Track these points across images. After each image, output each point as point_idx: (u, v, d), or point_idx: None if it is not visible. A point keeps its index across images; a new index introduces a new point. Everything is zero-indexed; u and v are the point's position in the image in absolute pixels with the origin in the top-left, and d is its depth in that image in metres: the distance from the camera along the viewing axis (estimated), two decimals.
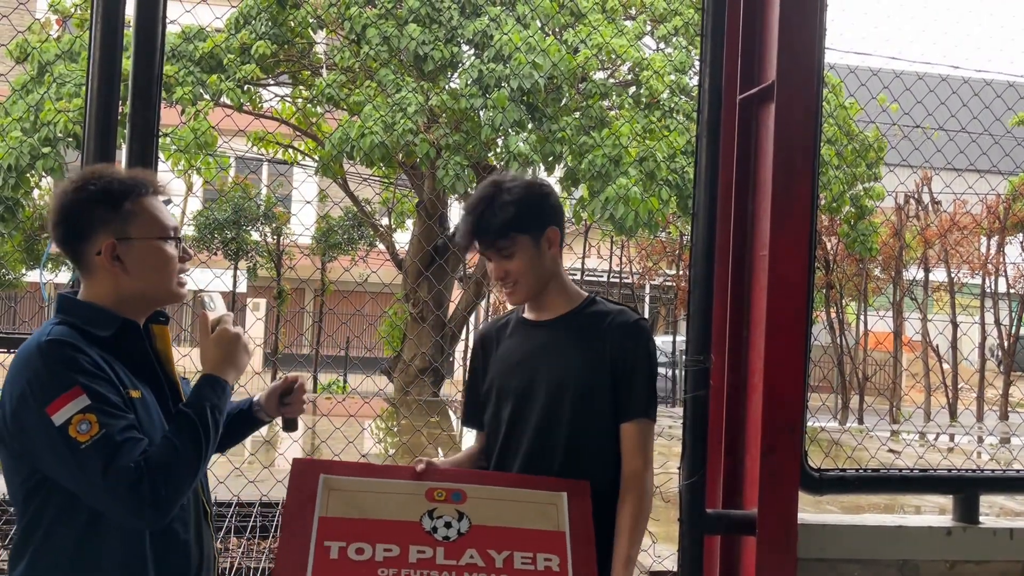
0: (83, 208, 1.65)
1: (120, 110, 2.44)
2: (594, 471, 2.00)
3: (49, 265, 10.97)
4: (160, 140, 2.50)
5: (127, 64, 2.41)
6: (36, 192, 10.75)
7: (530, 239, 2.03)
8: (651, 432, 2.05)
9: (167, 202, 1.80)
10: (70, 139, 8.55)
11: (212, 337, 1.70)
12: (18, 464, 1.58)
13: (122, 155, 2.48)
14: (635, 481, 1.99)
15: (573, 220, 10.10)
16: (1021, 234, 13.69)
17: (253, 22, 10.10)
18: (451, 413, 12.42)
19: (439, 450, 8.56)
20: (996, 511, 6.58)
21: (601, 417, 2.03)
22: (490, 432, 2.14)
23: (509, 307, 2.29)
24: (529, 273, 2.04)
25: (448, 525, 1.84)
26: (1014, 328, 14.10)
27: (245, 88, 9.89)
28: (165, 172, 9.30)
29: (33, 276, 13.56)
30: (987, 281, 13.85)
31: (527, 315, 2.14)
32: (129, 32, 2.43)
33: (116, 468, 1.47)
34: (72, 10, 10.28)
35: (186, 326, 13.28)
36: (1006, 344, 14.05)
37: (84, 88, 2.45)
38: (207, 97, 9.54)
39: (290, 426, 2.00)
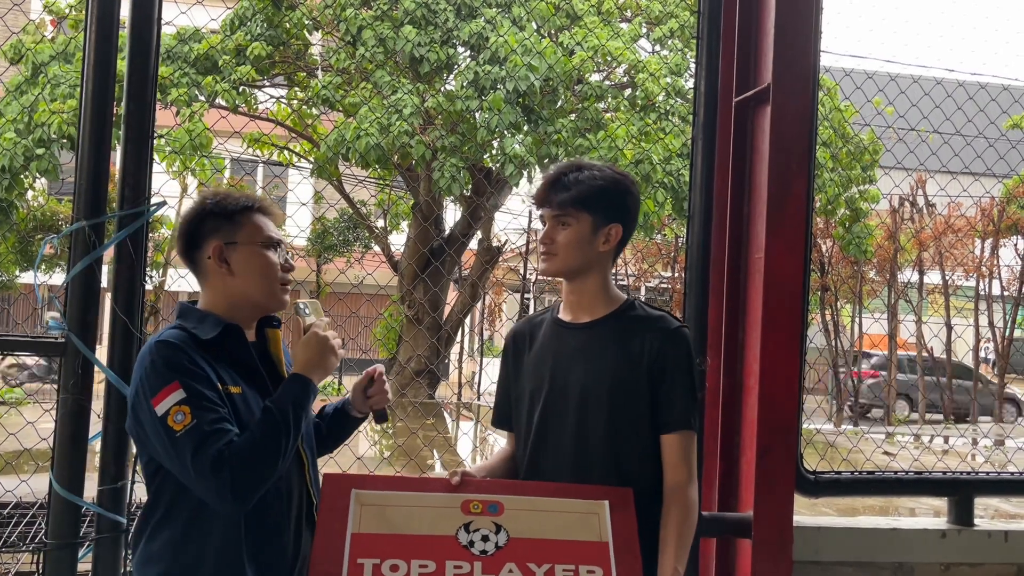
0: (199, 220, 1.88)
1: (115, 111, 2.43)
2: (633, 481, 1.93)
3: (43, 267, 10.93)
4: (155, 141, 2.50)
5: (122, 65, 2.40)
6: (30, 193, 10.72)
7: (591, 222, 1.98)
8: (694, 443, 1.97)
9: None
10: (64, 140, 8.53)
11: (302, 340, 1.87)
12: (140, 450, 1.80)
13: (117, 157, 2.47)
14: (679, 494, 1.92)
15: None
16: (1015, 237, 13.73)
17: (248, 23, 10.09)
18: (447, 415, 12.41)
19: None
20: (991, 513, 6.60)
21: (638, 425, 1.96)
22: (518, 436, 2.09)
23: (504, 309, 2.27)
24: (573, 251, 1.98)
25: (485, 539, 1.79)
26: (1008, 331, 14.14)
27: (240, 90, 9.88)
28: (160, 173, 9.28)
29: (27, 278, 13.51)
30: (981, 284, 13.89)
31: (562, 315, 2.07)
32: (124, 33, 2.42)
33: (202, 455, 1.65)
34: (67, 11, 10.26)
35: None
36: (1000, 347, 14.09)
37: (79, 89, 2.44)
38: (202, 98, 9.52)
39: (380, 417, 2.04)
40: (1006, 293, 14.16)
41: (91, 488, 2.35)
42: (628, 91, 10.41)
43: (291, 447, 1.75)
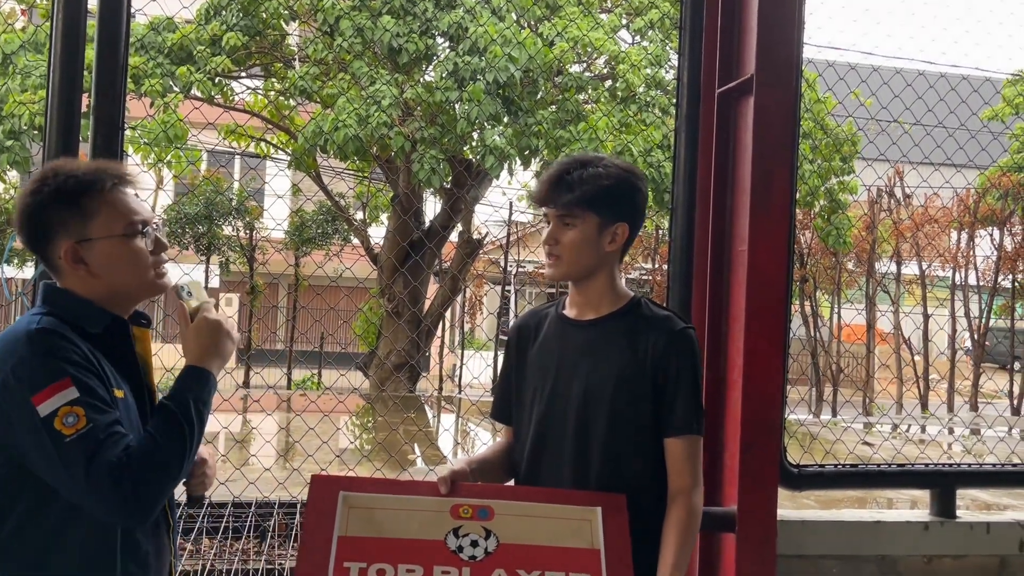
0: (41, 210, 1.58)
1: (84, 102, 2.37)
2: (634, 484, 1.90)
3: (15, 260, 10.76)
4: (128, 133, 2.43)
5: (91, 55, 2.34)
6: (0, 186, 10.54)
7: (597, 223, 1.92)
8: (699, 447, 1.93)
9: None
10: (35, 132, 8.38)
11: (191, 326, 1.64)
12: None
13: (87, 148, 2.41)
14: (682, 499, 1.88)
15: None
16: (992, 227, 13.88)
17: (223, 13, 9.95)
18: (427, 409, 12.37)
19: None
20: (967, 502, 6.65)
21: (640, 427, 1.92)
22: (517, 433, 2.05)
23: (485, 302, 2.22)
24: (578, 253, 1.93)
25: (474, 544, 1.75)
26: (983, 320, 14.30)
27: (216, 80, 9.74)
28: (134, 166, 9.14)
29: None
30: (958, 274, 14.03)
31: (567, 312, 2.03)
32: (93, 23, 2.36)
33: (99, 463, 1.43)
34: (36, 0, 10.07)
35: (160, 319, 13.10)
36: (976, 336, 14.25)
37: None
38: (176, 89, 9.38)
39: (192, 502, 1.81)
40: (982, 283, 14.32)
41: None
42: (608, 82, 10.39)
43: (195, 447, 1.56)
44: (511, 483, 2.06)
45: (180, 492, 1.78)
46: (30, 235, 1.60)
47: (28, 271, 12.01)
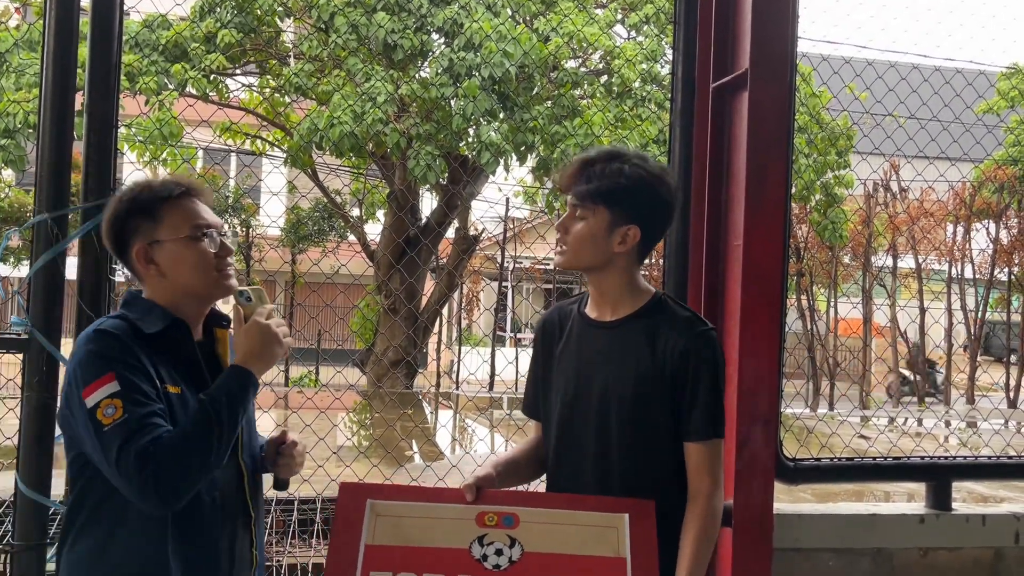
0: (121, 220, 1.76)
1: (79, 100, 2.36)
2: (658, 485, 1.88)
3: (11, 259, 10.73)
4: (123, 131, 2.43)
5: (84, 53, 2.33)
6: None
7: (608, 220, 1.87)
8: (719, 450, 1.88)
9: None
10: (30, 131, 8.36)
11: (242, 329, 1.76)
12: (68, 444, 1.70)
13: (81, 146, 2.40)
14: (700, 502, 1.85)
15: (546, 210, 10.03)
16: (987, 221, 13.90)
17: (218, 10, 9.92)
18: (425, 406, 12.37)
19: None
20: (963, 495, 6.67)
21: (660, 431, 1.89)
22: (547, 431, 2.03)
23: (482, 298, 2.22)
24: (584, 247, 1.89)
25: (499, 552, 1.75)
26: (979, 313, 14.33)
27: (211, 78, 9.72)
28: (129, 164, 9.12)
29: None
30: (954, 268, 14.05)
31: (589, 311, 2.00)
32: (86, 20, 2.35)
33: (128, 451, 1.55)
34: None
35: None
36: (973, 329, 14.29)
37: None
38: (171, 87, 9.36)
39: (279, 485, 1.93)
40: (978, 276, 14.35)
41: (59, 486, 2.29)
42: (604, 77, 10.38)
43: (224, 444, 1.65)
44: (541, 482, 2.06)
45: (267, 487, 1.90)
46: (113, 243, 1.78)
47: (23, 270, 11.98)
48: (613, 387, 1.89)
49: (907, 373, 14.61)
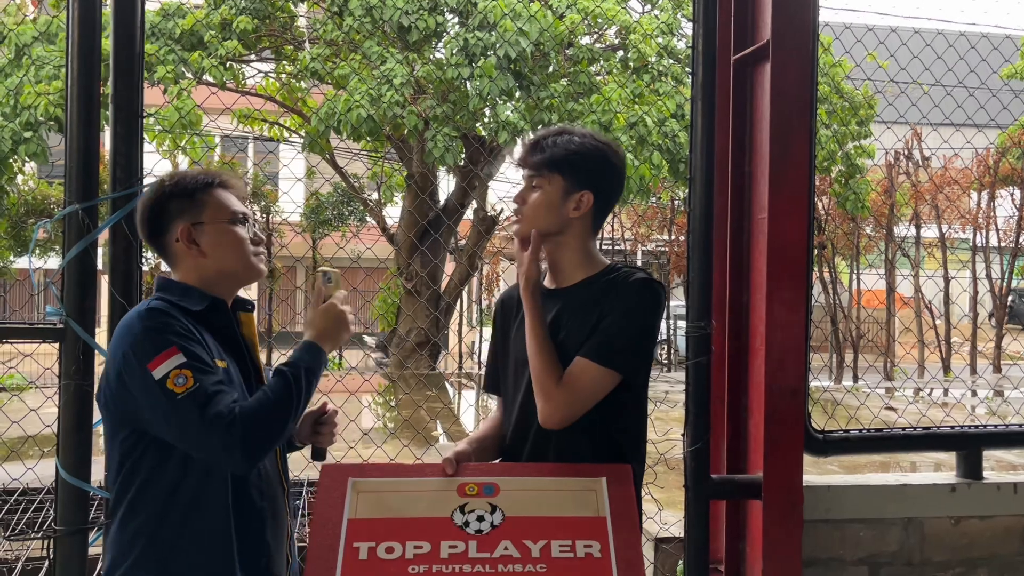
0: (161, 204, 1.84)
1: (101, 91, 2.38)
2: (612, 443, 1.91)
3: (37, 251, 10.87)
4: (144, 120, 2.45)
5: (106, 44, 2.35)
6: (20, 178, 10.63)
7: (562, 187, 1.95)
8: (596, 378, 1.84)
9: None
10: (52, 123, 8.43)
11: (322, 308, 1.86)
12: (118, 424, 1.74)
13: (106, 137, 2.43)
14: (557, 395, 1.84)
15: None
16: (1012, 187, 13.69)
17: None
18: (448, 386, 12.44)
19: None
20: (992, 463, 6.64)
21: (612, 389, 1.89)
22: (506, 402, 2.09)
23: (503, 278, 2.24)
24: (540, 213, 1.95)
25: (480, 519, 1.80)
26: (1005, 281, 14.16)
27: (228, 65, 9.75)
28: (151, 153, 9.19)
29: (22, 263, 13.45)
30: (978, 236, 13.88)
31: (546, 282, 2.05)
32: (107, 11, 2.37)
33: (211, 414, 1.62)
34: None
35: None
36: (998, 297, 14.13)
37: (63, 70, 2.40)
38: (189, 75, 9.40)
39: (318, 455, 2.01)
40: (1003, 244, 14.16)
41: (98, 472, 2.33)
42: (620, 53, 10.29)
43: (300, 412, 1.75)
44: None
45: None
46: (151, 226, 1.86)
47: (51, 262, 12.14)
48: (563, 351, 1.91)
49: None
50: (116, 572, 1.73)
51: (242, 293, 1.99)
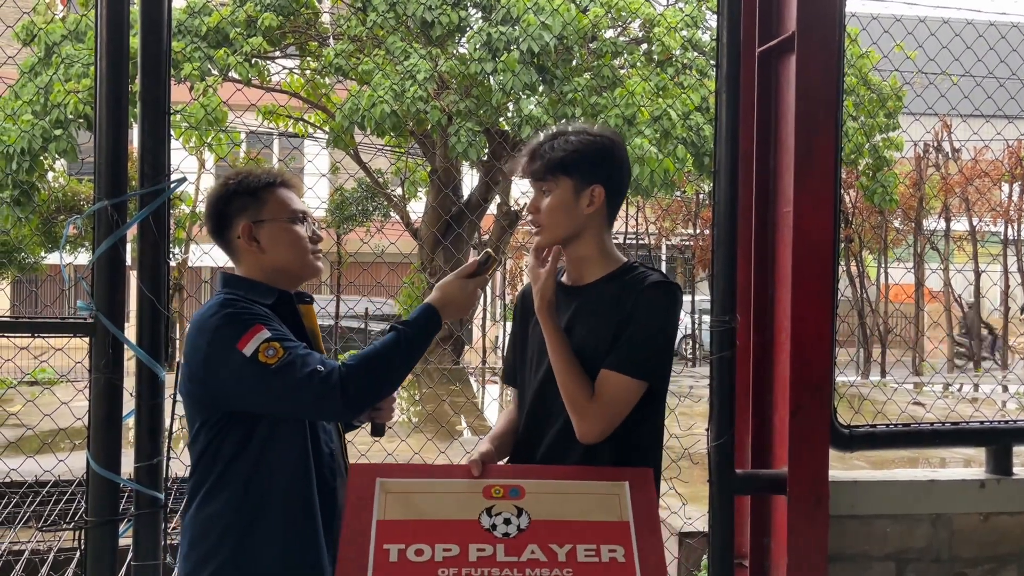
0: (225, 201, 1.93)
1: (130, 88, 2.41)
2: (627, 443, 1.91)
3: (68, 247, 11.04)
4: (171, 117, 2.48)
5: (134, 42, 2.38)
6: (50, 175, 10.78)
7: (572, 186, 1.95)
8: (625, 390, 1.86)
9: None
10: (81, 120, 8.54)
11: (462, 281, 1.93)
12: (206, 409, 1.83)
13: (134, 134, 2.46)
14: (591, 409, 1.87)
15: None
16: None
17: None
18: (472, 380, 12.47)
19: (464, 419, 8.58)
20: (1023, 460, 6.54)
21: None
22: (521, 396, 2.10)
23: (526, 272, 2.25)
24: (557, 218, 1.95)
25: (507, 522, 1.82)
26: None
27: (253, 62, 9.82)
28: (177, 150, 9.29)
29: (53, 259, 13.65)
30: (1010, 228, 13.66)
31: (564, 279, 2.06)
32: (135, 9, 2.40)
33: (306, 372, 1.70)
34: None
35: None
36: None
37: (92, 68, 2.43)
38: (215, 72, 9.48)
39: (378, 431, 2.07)
40: None
41: (127, 464, 2.37)
42: (644, 46, 10.24)
43: (407, 369, 1.82)
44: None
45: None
46: (215, 222, 1.94)
47: (83, 257, 12.30)
48: (582, 349, 1.92)
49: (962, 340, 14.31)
50: (194, 552, 1.83)
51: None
